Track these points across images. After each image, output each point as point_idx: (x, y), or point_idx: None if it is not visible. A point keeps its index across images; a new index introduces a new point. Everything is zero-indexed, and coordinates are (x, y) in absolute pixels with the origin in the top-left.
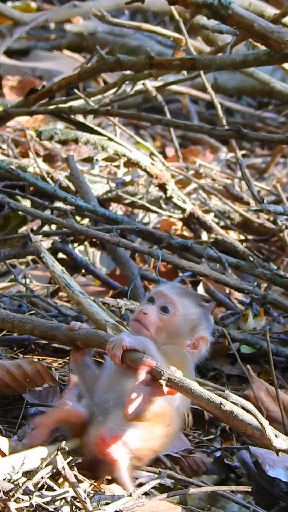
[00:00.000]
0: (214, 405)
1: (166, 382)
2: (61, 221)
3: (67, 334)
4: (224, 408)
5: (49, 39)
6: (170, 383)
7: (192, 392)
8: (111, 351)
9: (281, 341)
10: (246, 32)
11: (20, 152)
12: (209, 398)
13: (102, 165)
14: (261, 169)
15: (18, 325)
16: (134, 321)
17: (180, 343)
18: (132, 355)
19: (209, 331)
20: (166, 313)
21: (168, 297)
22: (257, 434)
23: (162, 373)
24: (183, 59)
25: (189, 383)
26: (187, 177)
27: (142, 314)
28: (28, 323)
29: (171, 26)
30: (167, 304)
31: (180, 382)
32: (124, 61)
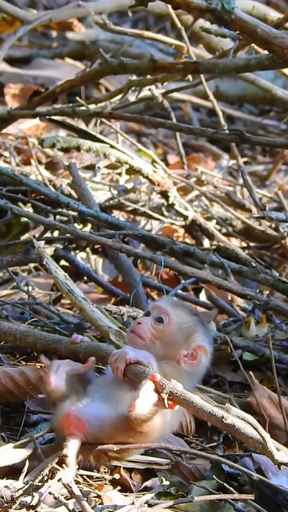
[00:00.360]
0: (216, 419)
1: (168, 396)
2: (64, 226)
3: (68, 347)
4: (226, 421)
5: (51, 47)
6: (172, 396)
7: (194, 405)
8: (114, 364)
9: (284, 348)
10: (249, 37)
11: (22, 160)
12: (211, 411)
13: (104, 173)
14: (263, 176)
15: (20, 338)
16: (130, 333)
17: (176, 353)
18: (134, 369)
19: (207, 340)
20: (160, 323)
21: (162, 308)
22: (259, 448)
23: (164, 387)
24: (186, 63)
25: (191, 396)
26: (189, 184)
27: (136, 324)
28: (30, 336)
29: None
30: (161, 314)
31: (182, 396)
32: (128, 64)
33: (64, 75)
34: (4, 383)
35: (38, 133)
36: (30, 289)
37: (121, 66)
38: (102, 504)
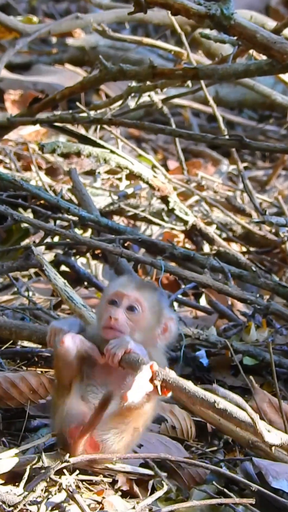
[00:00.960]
0: (209, 404)
1: (161, 383)
2: (64, 232)
3: None
4: (218, 406)
5: (51, 54)
6: (165, 383)
7: (187, 391)
8: (111, 351)
9: (284, 353)
10: (248, 43)
11: (23, 166)
12: (203, 397)
13: (104, 178)
14: (263, 181)
15: (15, 332)
16: (106, 329)
17: (153, 335)
18: (128, 357)
19: (169, 307)
20: (133, 312)
21: (130, 297)
22: (250, 430)
23: (157, 374)
24: (185, 69)
25: (184, 382)
26: (189, 189)
27: (113, 320)
28: (25, 330)
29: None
30: (133, 303)
31: (175, 382)
32: (127, 71)
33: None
34: (5, 388)
35: (38, 139)
36: (31, 294)
37: (121, 73)
38: (103, 509)
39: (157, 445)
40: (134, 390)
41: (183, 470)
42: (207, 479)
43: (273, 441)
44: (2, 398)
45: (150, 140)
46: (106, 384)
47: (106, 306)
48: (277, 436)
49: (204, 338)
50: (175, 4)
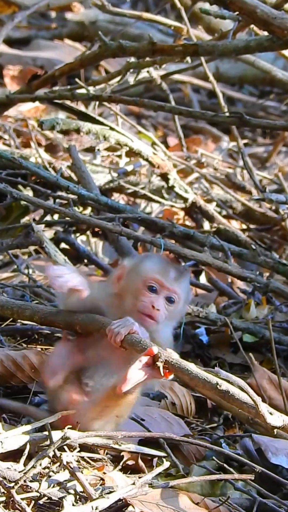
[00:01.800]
0: (211, 385)
1: (163, 364)
2: (64, 210)
3: (66, 319)
4: (221, 388)
5: (50, 28)
6: (168, 365)
7: (189, 373)
8: (114, 330)
9: (284, 330)
10: (249, 18)
11: (22, 142)
12: (205, 378)
13: (104, 155)
14: (263, 158)
15: (17, 311)
16: (143, 315)
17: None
18: (131, 339)
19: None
20: (171, 303)
21: (170, 289)
22: (252, 412)
23: (160, 355)
24: (185, 45)
25: (186, 364)
26: (189, 166)
27: (156, 310)
28: (27, 309)
29: (172, 15)
30: (171, 295)
31: (177, 364)
32: (127, 47)
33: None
34: (7, 366)
35: (37, 115)
36: (31, 272)
37: (120, 49)
38: (104, 484)
39: (159, 420)
40: (127, 383)
41: (183, 446)
42: (206, 455)
43: (275, 423)
44: (4, 376)
45: (150, 117)
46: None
47: (144, 291)
48: (279, 418)
49: (204, 315)
50: None
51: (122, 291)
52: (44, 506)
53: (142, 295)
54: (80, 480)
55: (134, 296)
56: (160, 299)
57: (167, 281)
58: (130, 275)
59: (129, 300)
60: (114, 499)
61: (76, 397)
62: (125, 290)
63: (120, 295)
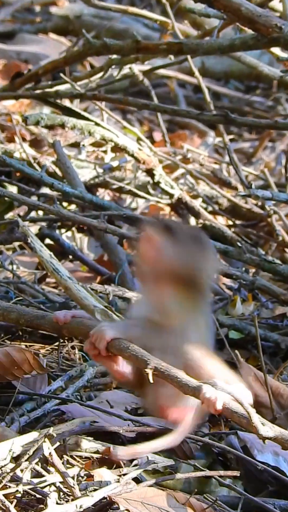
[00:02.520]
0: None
1: (153, 371)
2: (48, 207)
3: (52, 323)
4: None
5: (34, 22)
6: (157, 372)
7: (179, 381)
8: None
9: (269, 326)
10: (233, 16)
11: (6, 137)
12: (195, 386)
13: (89, 150)
14: (249, 153)
15: (3, 314)
16: None
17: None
18: (117, 344)
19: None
20: None
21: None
22: (244, 423)
23: (148, 362)
24: (170, 43)
25: (175, 371)
26: (175, 162)
27: None
28: (13, 312)
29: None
30: None
31: (166, 371)
32: (111, 45)
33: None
34: None
35: (22, 110)
36: (15, 268)
37: (104, 47)
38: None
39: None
40: (175, 411)
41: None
42: (196, 456)
43: (267, 434)
44: None
45: (136, 112)
46: None
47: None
48: (271, 430)
49: None
50: None
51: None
52: (28, 504)
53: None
54: (65, 478)
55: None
56: None
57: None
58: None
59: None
60: (99, 497)
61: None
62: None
63: None
